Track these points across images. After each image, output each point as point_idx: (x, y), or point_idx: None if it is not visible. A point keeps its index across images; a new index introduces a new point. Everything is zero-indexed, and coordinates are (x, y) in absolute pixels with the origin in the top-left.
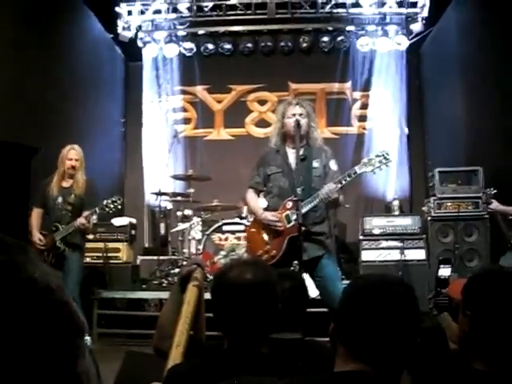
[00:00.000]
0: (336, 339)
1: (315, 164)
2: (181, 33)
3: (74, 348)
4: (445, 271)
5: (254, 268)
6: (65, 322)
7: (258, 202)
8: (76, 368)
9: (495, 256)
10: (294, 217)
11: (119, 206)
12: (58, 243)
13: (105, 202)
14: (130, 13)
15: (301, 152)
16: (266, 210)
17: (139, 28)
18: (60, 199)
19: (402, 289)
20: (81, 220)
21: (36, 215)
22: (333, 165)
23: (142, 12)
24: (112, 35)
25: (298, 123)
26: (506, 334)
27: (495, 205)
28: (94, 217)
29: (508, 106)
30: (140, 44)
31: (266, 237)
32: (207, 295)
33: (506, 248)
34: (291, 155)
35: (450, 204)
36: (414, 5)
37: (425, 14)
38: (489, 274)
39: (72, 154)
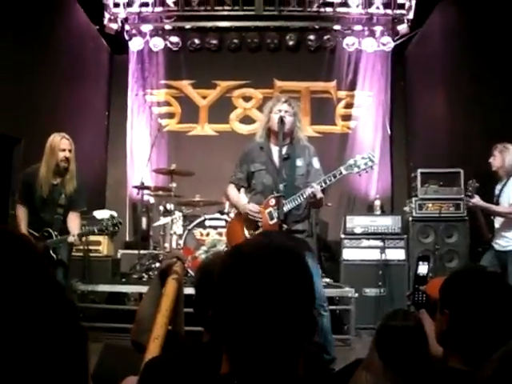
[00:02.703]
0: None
1: (299, 163)
2: (167, 26)
3: (85, 350)
4: (423, 268)
5: None
6: (74, 320)
7: (240, 197)
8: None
9: (474, 257)
10: (276, 214)
11: (118, 230)
12: (51, 252)
13: (104, 224)
14: (116, 5)
15: (284, 150)
16: None
17: (125, 20)
18: (50, 200)
19: (284, 258)
20: (74, 239)
21: (23, 213)
22: (315, 162)
23: (129, 4)
24: (98, 27)
25: (281, 119)
26: (483, 333)
27: (477, 199)
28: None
29: (490, 108)
30: (126, 36)
31: (246, 232)
32: (188, 290)
33: (484, 249)
34: (275, 153)
35: (431, 205)
36: (401, 7)
37: (410, 16)
38: (466, 272)
39: (65, 143)
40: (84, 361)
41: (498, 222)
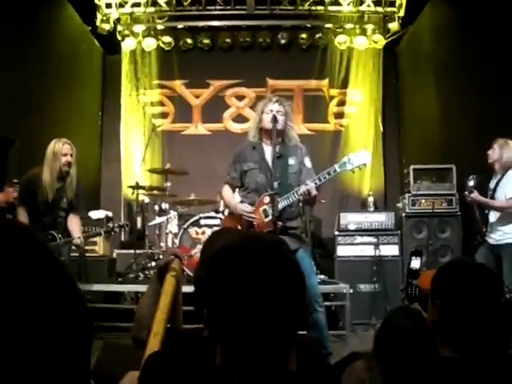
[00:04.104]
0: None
1: (291, 161)
2: (159, 26)
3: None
4: (416, 263)
5: None
6: (84, 316)
7: (233, 196)
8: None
9: (467, 252)
10: (271, 211)
11: (125, 229)
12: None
13: (111, 226)
14: (108, 5)
15: (277, 149)
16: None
17: (118, 21)
18: (53, 204)
19: (275, 251)
20: (80, 241)
21: (24, 217)
22: (307, 162)
23: (121, 5)
24: (90, 27)
25: (274, 118)
26: (472, 322)
27: (476, 194)
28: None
29: (482, 105)
30: (118, 37)
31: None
32: (185, 288)
33: (478, 243)
34: (268, 152)
35: (424, 201)
36: (392, 4)
37: (401, 13)
38: (456, 264)
39: (67, 148)
40: (87, 357)
41: (492, 216)
